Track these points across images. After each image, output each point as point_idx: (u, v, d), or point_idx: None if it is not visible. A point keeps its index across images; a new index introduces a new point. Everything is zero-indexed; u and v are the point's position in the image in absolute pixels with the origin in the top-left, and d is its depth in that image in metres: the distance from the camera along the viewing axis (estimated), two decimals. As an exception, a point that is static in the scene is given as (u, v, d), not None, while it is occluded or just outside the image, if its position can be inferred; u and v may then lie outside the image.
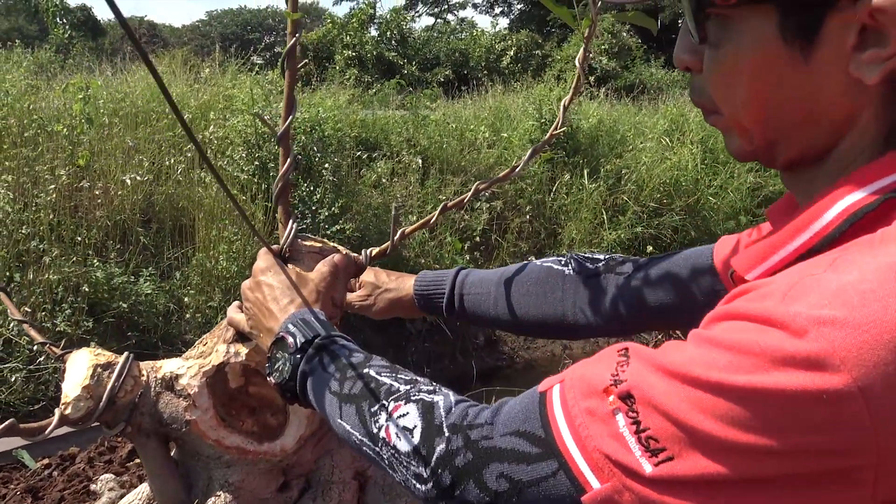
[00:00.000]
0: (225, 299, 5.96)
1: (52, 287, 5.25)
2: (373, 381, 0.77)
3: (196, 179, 6.36)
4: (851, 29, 0.55)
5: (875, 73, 0.55)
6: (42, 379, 4.94)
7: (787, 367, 0.47)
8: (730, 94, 0.63)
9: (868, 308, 0.46)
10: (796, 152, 0.63)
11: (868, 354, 0.45)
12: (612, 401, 0.55)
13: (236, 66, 8.70)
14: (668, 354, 0.54)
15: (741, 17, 0.60)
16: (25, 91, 6.40)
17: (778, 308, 0.49)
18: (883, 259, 0.49)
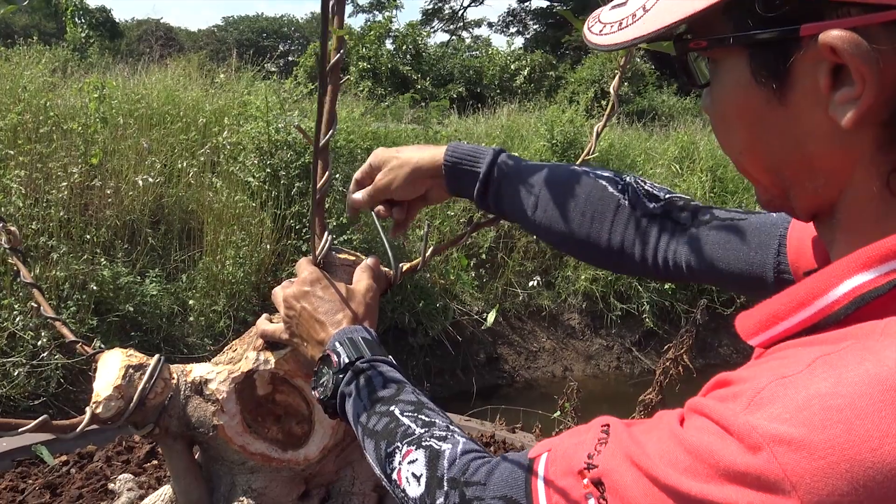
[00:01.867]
0: (229, 304, 5.98)
1: (59, 284, 5.27)
2: (394, 420, 0.79)
3: (207, 183, 6.39)
4: (822, 68, 0.52)
5: (848, 114, 0.52)
6: (44, 375, 4.95)
7: (738, 482, 0.46)
8: (729, 140, 0.63)
9: (829, 431, 0.44)
10: (808, 202, 0.60)
11: (821, 483, 0.43)
12: (585, 484, 0.57)
13: (252, 74, 8.76)
14: (641, 444, 0.54)
15: (720, 58, 0.60)
16: (43, 87, 6.45)
17: (738, 417, 0.47)
18: (865, 372, 0.45)
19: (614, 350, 7.88)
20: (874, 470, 0.42)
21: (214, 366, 1.15)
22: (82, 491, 1.37)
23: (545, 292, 7.77)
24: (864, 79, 0.50)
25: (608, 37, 0.64)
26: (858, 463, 0.43)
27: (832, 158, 0.55)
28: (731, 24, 0.57)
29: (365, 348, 0.90)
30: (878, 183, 0.54)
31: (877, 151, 0.53)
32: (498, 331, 7.56)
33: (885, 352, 0.46)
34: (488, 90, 15.09)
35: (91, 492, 1.37)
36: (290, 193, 6.37)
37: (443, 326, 6.81)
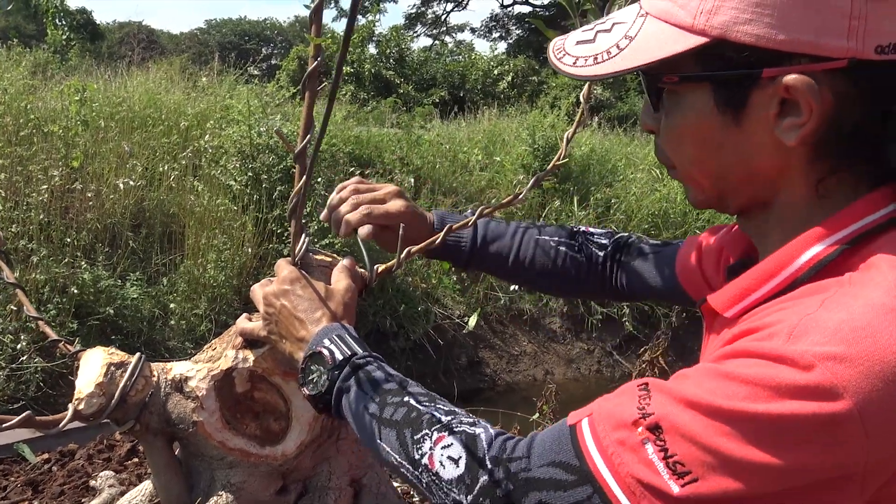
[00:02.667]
0: (210, 308, 5.97)
1: (39, 287, 5.25)
2: (414, 410, 0.83)
3: (188, 187, 6.39)
4: (773, 100, 0.67)
5: (793, 137, 0.67)
6: (23, 378, 4.93)
7: (799, 396, 0.56)
8: (681, 154, 0.77)
9: (861, 344, 0.57)
10: (743, 202, 0.76)
11: (864, 383, 0.56)
12: (640, 432, 0.63)
13: (234, 77, 8.76)
14: (687, 388, 0.62)
15: (685, 91, 0.73)
16: (23, 90, 6.42)
17: (787, 347, 0.58)
18: (865, 299, 0.60)
19: (595, 354, 7.94)
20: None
21: (194, 364, 1.18)
22: (64, 488, 1.40)
23: (526, 296, 7.83)
24: (812, 110, 0.66)
25: (584, 69, 0.76)
26: (886, 363, 0.56)
27: (773, 168, 0.71)
28: (699, 65, 0.70)
29: (356, 345, 0.93)
30: (807, 188, 0.71)
31: (807, 164, 0.70)
32: (479, 334, 7.60)
33: (865, 290, 0.61)
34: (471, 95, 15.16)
35: (72, 489, 1.40)
36: (272, 197, 6.38)
37: (424, 330, 6.85)
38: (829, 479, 0.58)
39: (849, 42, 0.64)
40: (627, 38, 0.74)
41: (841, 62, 0.64)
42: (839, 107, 0.67)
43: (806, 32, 0.65)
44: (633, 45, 0.73)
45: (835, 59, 0.64)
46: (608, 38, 0.76)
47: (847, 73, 0.65)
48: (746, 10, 0.66)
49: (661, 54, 0.70)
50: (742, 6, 0.66)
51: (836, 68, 0.65)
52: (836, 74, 0.65)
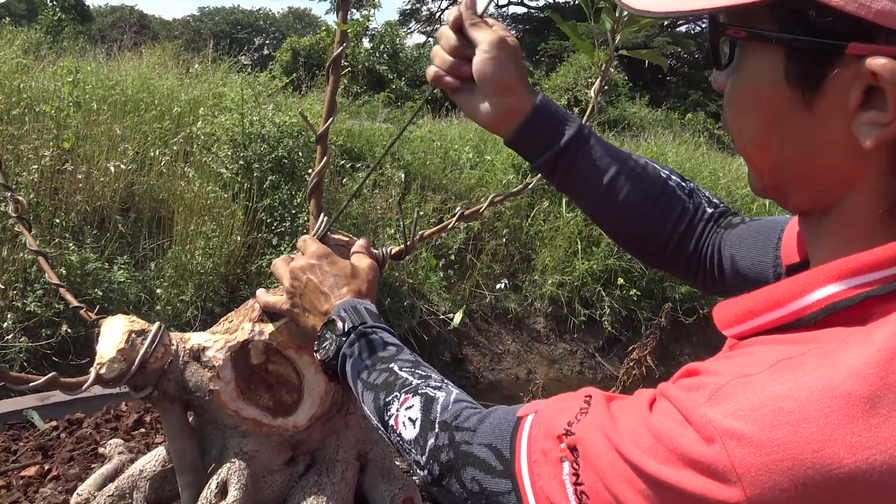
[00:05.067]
0: (197, 294, 5.97)
1: (26, 267, 5.23)
2: (393, 374, 0.85)
3: (179, 173, 6.38)
4: (856, 86, 0.54)
5: (872, 137, 0.54)
6: (7, 357, 4.91)
7: (691, 468, 0.50)
8: (740, 127, 0.64)
9: (778, 430, 0.48)
10: (802, 201, 0.63)
11: (764, 477, 0.47)
12: (562, 448, 0.61)
13: (227, 65, 8.75)
14: (615, 419, 0.58)
15: (754, 48, 0.61)
16: (16, 69, 6.38)
17: (699, 408, 0.51)
18: (819, 378, 0.49)
19: (578, 355, 8.01)
20: (814, 470, 0.47)
21: (212, 335, 1.22)
22: (73, 454, 1.43)
23: (512, 295, 7.89)
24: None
25: (651, 2, 0.64)
26: (800, 462, 0.47)
27: (841, 170, 0.58)
28: (775, 21, 0.57)
29: (367, 316, 0.97)
30: (884, 204, 0.57)
31: (888, 174, 0.56)
32: (464, 332, 7.64)
33: (841, 358, 0.50)
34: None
35: (82, 455, 1.43)
36: (263, 186, 6.39)
37: (409, 325, 6.88)
38: None
39: None
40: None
41: None
42: None
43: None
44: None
45: None
46: None
47: None
48: None
49: (729, 1, 0.57)
50: None
51: None
52: None
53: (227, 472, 1.17)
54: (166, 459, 1.23)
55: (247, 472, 1.18)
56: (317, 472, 1.25)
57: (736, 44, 0.63)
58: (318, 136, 1.22)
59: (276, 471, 1.23)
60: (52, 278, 1.28)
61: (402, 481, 1.29)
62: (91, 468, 1.37)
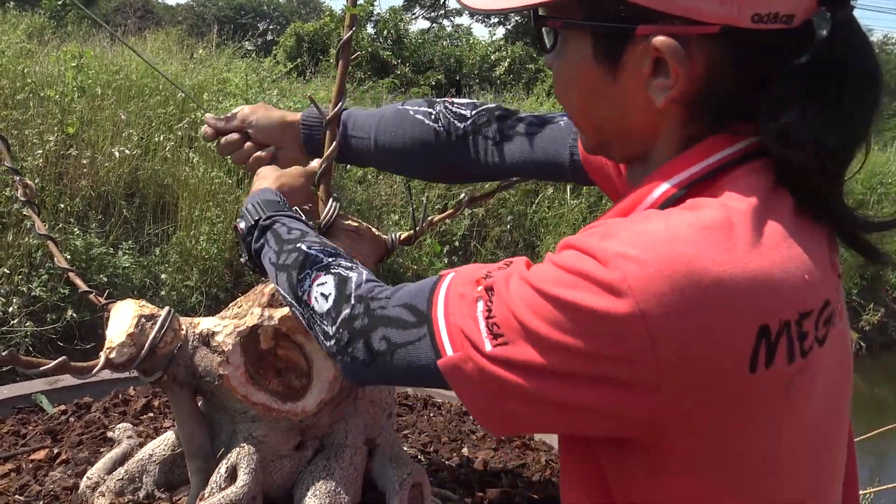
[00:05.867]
0: (202, 279, 5.98)
1: (31, 252, 5.24)
2: (302, 254, 0.91)
3: (183, 158, 6.37)
4: (647, 59, 0.68)
5: (661, 98, 0.68)
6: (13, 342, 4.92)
7: (591, 288, 0.60)
8: (566, 99, 0.78)
9: (658, 249, 0.59)
10: (623, 153, 0.79)
11: (650, 285, 0.58)
12: (479, 290, 0.69)
13: (231, 51, 8.72)
14: (531, 267, 0.67)
15: (569, 36, 0.74)
16: (20, 54, 6.37)
17: (596, 243, 0.62)
18: (681, 217, 0.63)
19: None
20: (688, 278, 0.58)
21: (221, 320, 1.22)
22: (82, 438, 1.43)
23: (515, 282, 7.88)
24: (678, 74, 0.67)
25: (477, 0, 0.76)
26: (676, 272, 0.58)
27: (647, 125, 0.73)
28: (583, 12, 0.71)
29: (262, 207, 1.03)
30: (679, 147, 0.72)
31: (680, 125, 0.71)
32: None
33: (699, 209, 0.63)
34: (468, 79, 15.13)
35: (91, 439, 1.43)
36: (268, 172, 6.38)
37: (414, 311, 6.89)
38: (621, 376, 0.60)
39: (722, 8, 0.64)
40: None
41: (713, 28, 0.64)
42: (713, 72, 0.67)
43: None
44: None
45: (707, 24, 0.64)
46: None
47: (721, 39, 0.65)
48: None
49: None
50: None
51: (709, 33, 0.65)
52: (709, 39, 0.65)
53: (237, 457, 1.17)
54: (175, 444, 1.24)
55: (256, 456, 1.18)
56: (325, 457, 1.25)
57: (557, 31, 0.75)
58: (328, 120, 1.22)
59: (285, 455, 1.23)
60: (61, 263, 1.28)
61: (410, 467, 1.29)
62: (100, 452, 1.38)
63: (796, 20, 0.65)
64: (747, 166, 0.67)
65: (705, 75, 0.67)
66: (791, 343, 0.61)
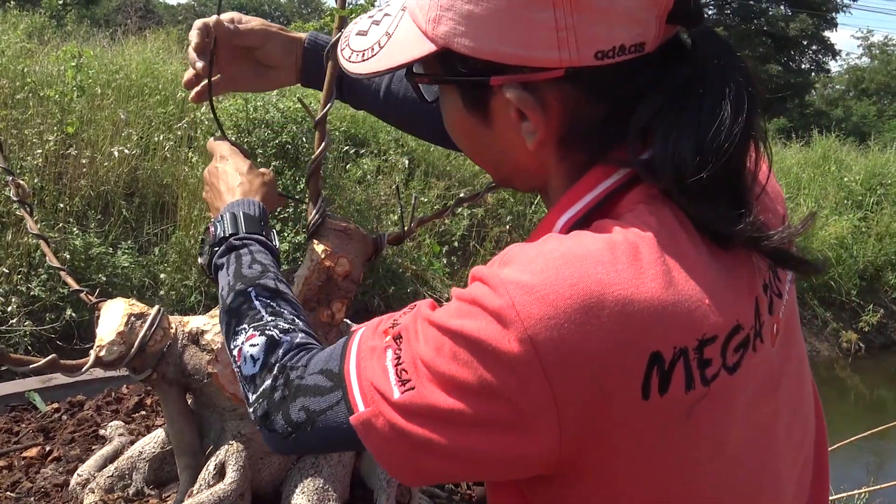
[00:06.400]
0: (200, 279, 5.99)
1: (30, 251, 5.26)
2: (247, 302, 0.88)
3: (183, 158, 6.39)
4: (510, 106, 0.69)
5: (531, 141, 0.70)
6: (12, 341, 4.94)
7: (483, 315, 0.59)
8: (459, 143, 0.81)
9: (545, 274, 0.59)
10: (524, 187, 0.80)
11: (536, 310, 0.57)
12: (387, 340, 0.68)
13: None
14: (435, 307, 0.66)
15: (441, 89, 0.77)
16: (20, 53, 6.39)
17: (491, 270, 0.62)
18: (576, 240, 0.62)
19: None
20: (571, 300, 0.57)
21: (211, 318, 1.23)
22: (74, 435, 1.44)
23: (514, 282, 7.90)
24: (537, 120, 0.69)
25: (355, 65, 0.77)
26: (560, 295, 0.58)
27: (531, 164, 0.74)
28: (442, 68, 0.72)
29: (242, 224, 0.99)
30: (568, 179, 0.72)
31: (560, 160, 0.73)
32: (466, 318, 7.66)
33: (590, 234, 0.63)
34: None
35: (83, 436, 1.44)
36: (267, 172, 6.39)
37: (413, 311, 6.90)
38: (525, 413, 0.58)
39: (561, 53, 0.64)
40: (387, 36, 0.75)
41: (557, 72, 0.65)
42: (572, 110, 0.68)
43: (515, 46, 0.66)
44: (390, 44, 0.75)
45: (551, 69, 0.66)
46: (376, 32, 0.78)
47: (570, 80, 0.66)
48: (461, 23, 0.67)
49: (406, 58, 0.72)
50: (457, 18, 0.67)
51: (556, 77, 0.66)
52: (559, 82, 0.66)
53: (225, 454, 1.18)
54: (165, 441, 1.25)
55: (244, 454, 1.19)
56: (314, 455, 1.26)
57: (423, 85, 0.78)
58: (317, 121, 1.23)
59: (273, 453, 1.25)
60: (52, 261, 1.29)
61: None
62: (92, 449, 1.39)
63: (648, 46, 0.66)
64: (638, 189, 0.67)
65: (565, 114, 0.68)
66: (689, 371, 0.59)
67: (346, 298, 1.26)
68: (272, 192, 1.10)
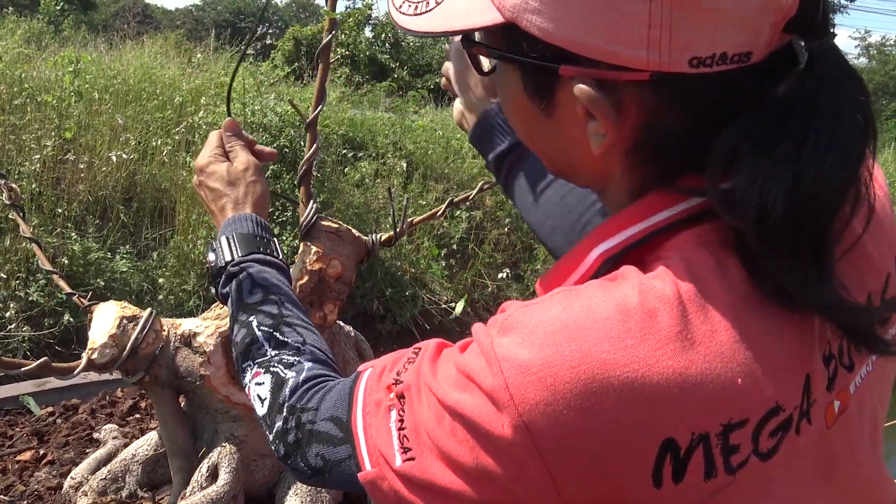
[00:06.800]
0: (199, 284, 5.99)
1: (28, 256, 5.26)
2: (249, 335, 0.86)
3: (181, 162, 6.39)
4: (579, 101, 0.58)
5: (597, 144, 0.60)
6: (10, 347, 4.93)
7: (479, 394, 0.54)
8: (513, 124, 0.71)
9: (544, 351, 0.52)
10: (582, 184, 0.70)
11: (531, 395, 0.51)
12: (391, 398, 0.63)
13: (230, 55, 8.75)
14: (438, 363, 0.61)
15: (501, 65, 0.67)
16: (17, 59, 6.39)
17: (491, 339, 0.55)
18: (587, 303, 0.54)
19: (578, 343, 8.01)
20: (571, 384, 0.51)
21: (203, 320, 1.23)
22: (69, 439, 1.44)
23: (514, 284, 7.90)
24: (606, 123, 0.59)
25: (405, 18, 0.67)
26: (559, 378, 0.51)
27: (591, 167, 0.65)
28: (506, 43, 0.62)
29: (237, 247, 0.96)
30: (628, 193, 0.63)
31: (621, 173, 0.63)
32: (466, 321, 7.64)
33: (612, 290, 0.55)
34: (465, 83, 15.10)
35: (77, 440, 1.44)
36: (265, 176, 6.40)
37: (411, 314, 6.90)
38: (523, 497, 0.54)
39: (650, 54, 0.54)
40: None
41: (641, 74, 0.55)
42: (651, 119, 0.58)
43: (595, 36, 0.55)
44: (447, 2, 0.64)
45: (634, 70, 0.55)
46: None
47: (654, 85, 0.56)
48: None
49: (465, 25, 0.62)
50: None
51: (638, 80, 0.56)
52: (640, 86, 0.57)
53: (218, 456, 1.18)
54: (158, 444, 1.25)
55: (237, 456, 1.19)
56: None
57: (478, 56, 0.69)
58: (308, 123, 1.23)
59: (266, 455, 1.25)
60: (45, 265, 1.30)
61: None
62: (86, 453, 1.39)
63: (756, 56, 0.55)
64: (700, 228, 0.58)
65: (642, 123, 0.59)
66: (710, 458, 0.52)
67: (338, 300, 1.26)
68: (258, 188, 1.05)
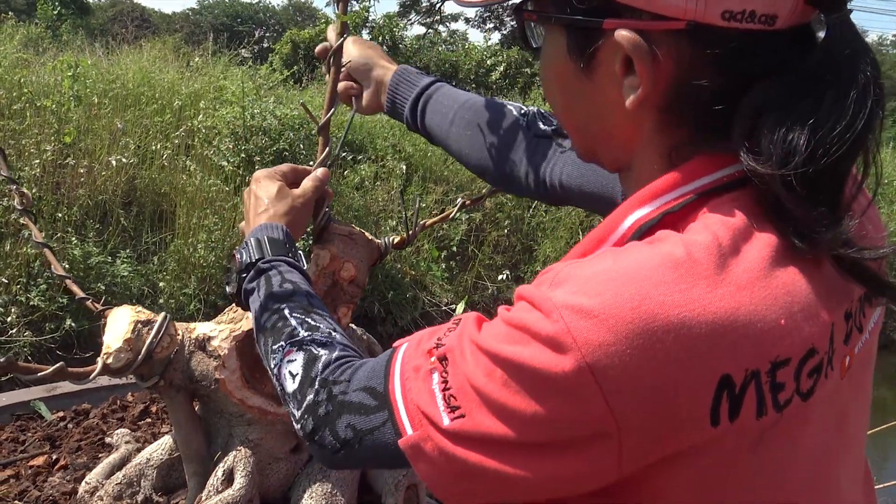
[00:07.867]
0: (200, 287, 5.99)
1: (29, 261, 5.25)
2: (283, 320, 0.88)
3: (180, 166, 6.39)
4: (617, 56, 0.63)
5: (631, 97, 0.63)
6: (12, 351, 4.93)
7: (537, 343, 0.55)
8: (552, 99, 0.74)
9: (602, 296, 0.54)
10: (611, 160, 0.73)
11: (594, 336, 0.52)
12: (432, 361, 0.64)
13: (228, 58, 8.75)
14: (482, 326, 0.62)
15: (548, 29, 0.71)
16: (16, 63, 6.39)
17: (542, 293, 0.57)
18: (637, 254, 0.57)
19: (579, 345, 8.01)
20: (636, 324, 0.52)
21: (217, 324, 1.23)
22: (81, 444, 1.44)
23: (514, 286, 7.89)
24: (644, 72, 0.62)
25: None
26: (621, 319, 0.53)
27: (625, 130, 0.68)
28: (554, 4, 0.67)
29: (268, 248, 0.98)
30: (660, 156, 0.66)
31: (654, 132, 0.66)
32: (466, 322, 7.65)
33: (655, 246, 0.58)
34: (464, 84, 15.17)
35: (89, 444, 1.44)
36: (265, 179, 6.39)
37: (412, 317, 6.90)
38: (578, 437, 0.55)
39: (687, 2, 0.58)
40: None
41: (679, 23, 0.59)
42: (684, 73, 0.62)
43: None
44: None
45: (672, 20, 0.59)
46: None
47: (690, 36, 0.60)
48: None
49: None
50: None
51: (676, 29, 0.60)
52: (678, 37, 0.60)
53: (233, 460, 1.18)
54: (173, 448, 1.25)
55: (252, 459, 1.19)
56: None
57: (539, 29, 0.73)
58: (320, 126, 1.23)
59: (281, 458, 1.25)
60: (58, 270, 1.29)
61: (406, 469, 1.31)
62: (98, 458, 1.39)
63: (779, 22, 0.59)
64: (731, 194, 0.61)
65: (676, 76, 0.62)
66: (761, 395, 0.55)
67: (351, 303, 1.27)
68: (301, 215, 1.09)
